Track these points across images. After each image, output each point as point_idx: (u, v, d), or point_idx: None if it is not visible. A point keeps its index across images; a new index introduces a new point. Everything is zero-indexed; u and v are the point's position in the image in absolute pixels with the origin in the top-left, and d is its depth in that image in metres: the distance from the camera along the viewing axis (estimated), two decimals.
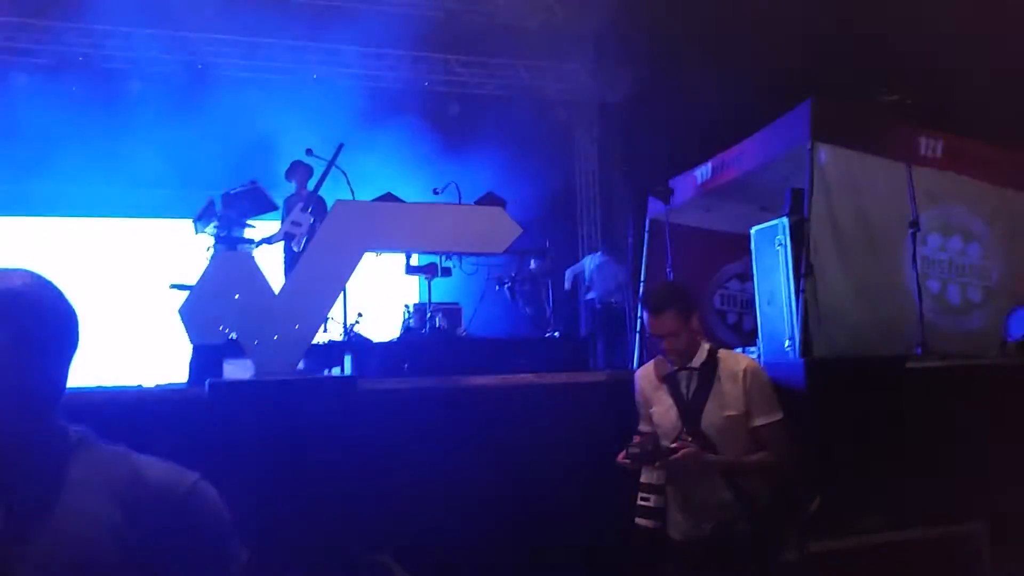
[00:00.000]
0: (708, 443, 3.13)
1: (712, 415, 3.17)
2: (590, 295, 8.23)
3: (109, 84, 8.78)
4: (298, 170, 7.42)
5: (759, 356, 5.08)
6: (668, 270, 7.83)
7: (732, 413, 3.13)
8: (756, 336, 5.35)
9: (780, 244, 5.02)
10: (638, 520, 3.07)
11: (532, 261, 7.06)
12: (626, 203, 9.37)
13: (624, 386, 5.04)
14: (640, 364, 7.37)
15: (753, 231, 5.33)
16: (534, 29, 10.45)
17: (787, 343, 4.81)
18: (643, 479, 3.07)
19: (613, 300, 8.08)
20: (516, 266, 6.70)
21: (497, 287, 6.72)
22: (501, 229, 6.21)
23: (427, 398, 3.99)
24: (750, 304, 6.60)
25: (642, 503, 3.06)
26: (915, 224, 5.40)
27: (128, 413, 3.35)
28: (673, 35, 8.83)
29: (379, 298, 7.44)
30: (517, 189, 7.53)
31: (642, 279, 7.98)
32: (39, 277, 1.36)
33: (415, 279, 7.03)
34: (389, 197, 6.58)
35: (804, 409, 3.99)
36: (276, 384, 3.84)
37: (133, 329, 8.21)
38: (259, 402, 3.54)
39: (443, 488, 3.87)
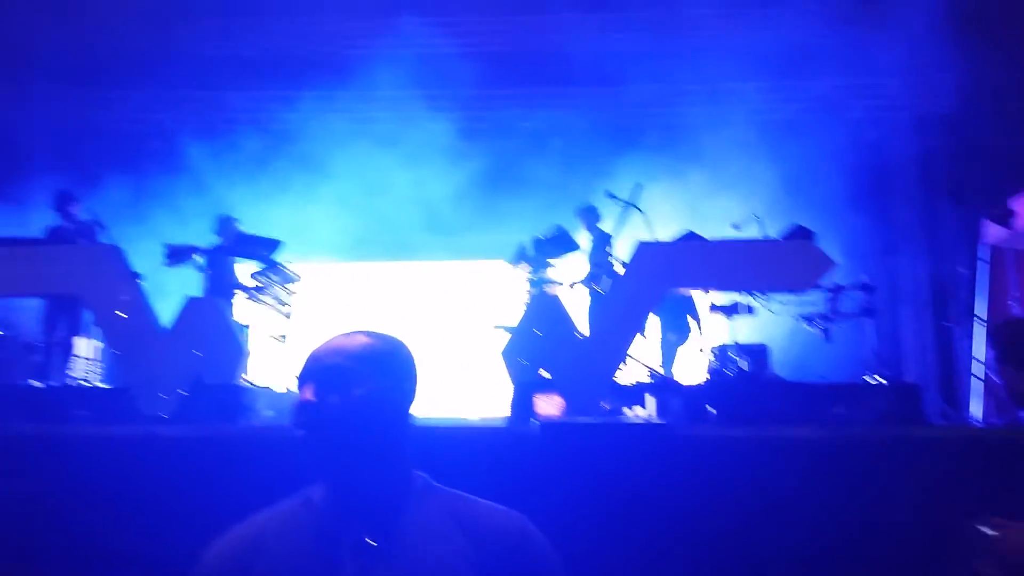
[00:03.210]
0: None
1: None
2: None
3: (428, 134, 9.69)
4: (588, 214, 7.64)
5: None
6: (1010, 303, 6.90)
7: None
8: None
9: None
10: None
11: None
12: (956, 230, 8.37)
13: (970, 444, 4.48)
14: (985, 414, 6.51)
15: None
16: (832, 43, 9.78)
17: None
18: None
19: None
20: (829, 303, 6.26)
21: (808, 326, 6.33)
22: (811, 264, 5.89)
23: (742, 447, 3.84)
24: None
25: None
26: None
27: (463, 447, 3.62)
28: (1004, 32, 7.79)
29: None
30: (826, 220, 7.07)
31: (982, 316, 7.09)
32: (387, 337, 1.55)
33: (718, 318, 6.87)
34: (691, 236, 6.54)
35: None
36: (599, 427, 3.94)
37: (460, 366, 8.89)
38: (585, 443, 3.65)
39: (755, 544, 3.70)
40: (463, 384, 8.55)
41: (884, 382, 5.59)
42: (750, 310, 6.49)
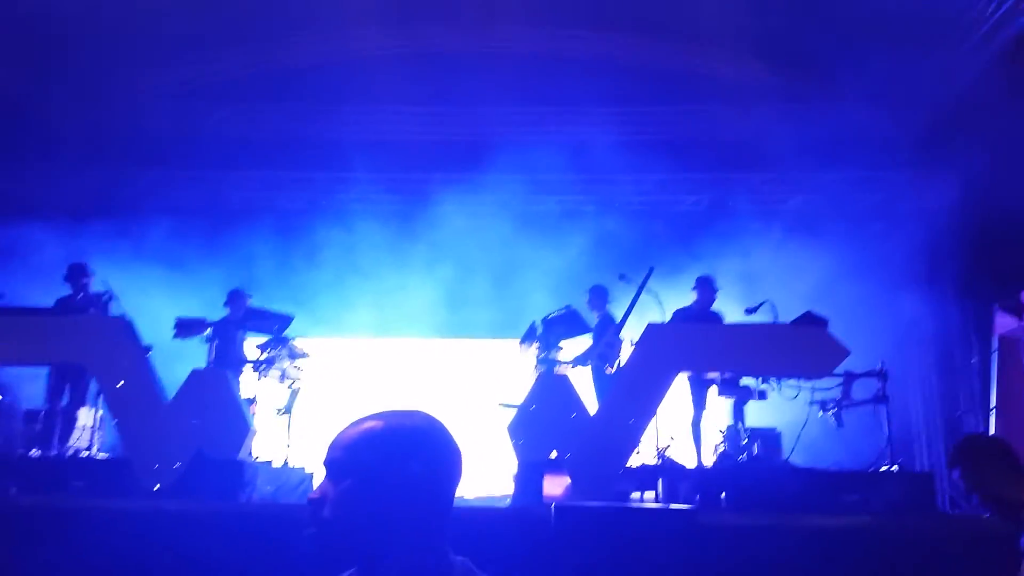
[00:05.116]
0: None
1: None
2: None
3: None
4: (596, 295, 7.64)
5: None
6: (1021, 392, 6.85)
7: None
8: None
9: None
10: None
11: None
12: (966, 320, 8.36)
13: (987, 537, 4.36)
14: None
15: None
16: (843, 139, 10.07)
17: None
18: None
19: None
20: (842, 389, 6.20)
21: (820, 412, 6.25)
22: (825, 351, 5.87)
23: (764, 536, 3.74)
24: None
25: None
26: None
27: (474, 528, 3.53)
28: (1010, 120, 7.96)
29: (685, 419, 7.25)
30: (835, 308, 7.07)
31: (992, 406, 7.01)
32: (431, 417, 1.53)
33: (726, 400, 6.81)
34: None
35: None
36: (618, 511, 3.84)
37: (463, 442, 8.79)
38: (601, 528, 3.55)
39: None
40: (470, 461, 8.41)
41: (896, 470, 5.49)
42: (761, 395, 6.43)
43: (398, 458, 1.45)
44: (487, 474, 7.30)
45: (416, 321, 9.87)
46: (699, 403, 6.76)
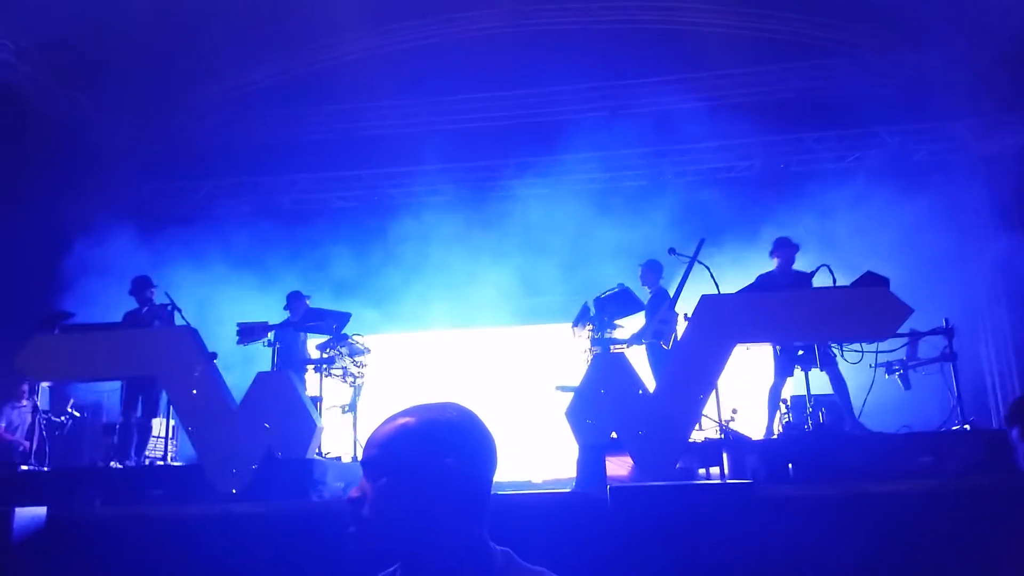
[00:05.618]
0: None
1: None
2: None
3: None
4: (649, 270, 7.53)
5: None
6: None
7: None
8: None
9: None
10: None
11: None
12: None
13: None
14: None
15: None
16: (893, 94, 9.77)
17: None
18: None
19: None
20: (908, 349, 6.01)
21: (887, 375, 6.07)
22: (887, 311, 5.69)
23: (828, 506, 3.66)
24: None
25: None
26: None
27: (532, 516, 3.55)
28: None
29: (754, 392, 7.13)
30: (899, 264, 6.85)
31: None
32: (464, 409, 1.52)
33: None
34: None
35: None
36: (675, 489, 3.80)
37: (523, 428, 8.82)
38: (658, 508, 3.52)
39: None
40: (528, 446, 8.45)
41: (968, 428, 5.31)
42: (826, 360, 6.27)
43: (432, 453, 1.45)
44: (559, 457, 7.29)
45: (491, 309, 9.94)
46: (781, 371, 6.60)
